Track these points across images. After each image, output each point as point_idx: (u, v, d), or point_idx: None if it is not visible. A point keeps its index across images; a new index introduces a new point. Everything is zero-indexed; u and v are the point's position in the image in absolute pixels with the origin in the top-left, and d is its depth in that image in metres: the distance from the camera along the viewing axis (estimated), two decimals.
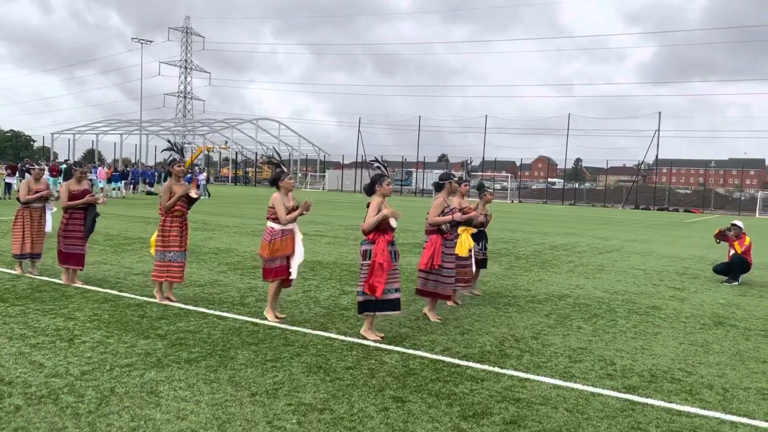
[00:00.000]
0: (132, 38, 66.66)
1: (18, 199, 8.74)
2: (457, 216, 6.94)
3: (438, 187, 7.13)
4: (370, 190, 6.25)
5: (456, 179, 7.30)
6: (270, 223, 6.81)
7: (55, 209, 8.98)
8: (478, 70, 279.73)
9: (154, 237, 7.46)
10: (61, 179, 26.84)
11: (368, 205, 6.15)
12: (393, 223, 6.10)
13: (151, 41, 56.30)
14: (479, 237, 8.45)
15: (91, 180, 28.46)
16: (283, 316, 6.86)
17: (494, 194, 8.74)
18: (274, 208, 6.74)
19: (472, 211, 7.71)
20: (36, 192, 8.64)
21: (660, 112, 53.61)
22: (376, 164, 6.36)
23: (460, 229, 7.34)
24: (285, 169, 6.85)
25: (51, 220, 8.88)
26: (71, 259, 8.16)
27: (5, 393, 4.32)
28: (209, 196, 34.09)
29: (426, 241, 6.97)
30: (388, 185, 6.21)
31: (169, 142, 7.91)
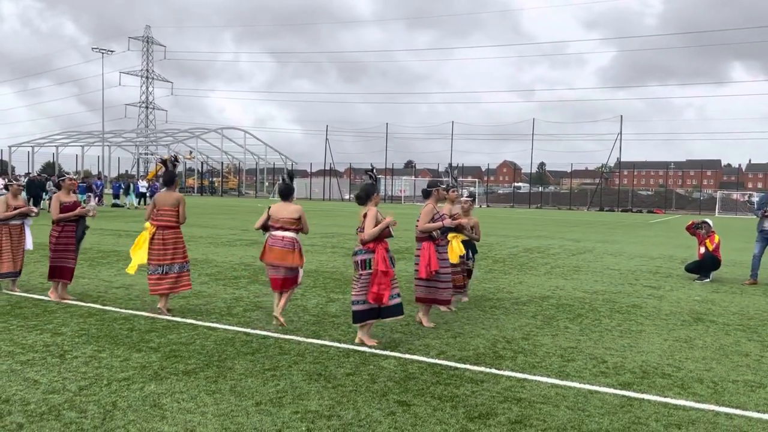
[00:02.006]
0: (92, 48, 65.45)
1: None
2: (447, 222, 7.02)
3: (426, 194, 7.18)
4: (365, 199, 6.31)
5: (443, 186, 7.38)
6: (294, 234, 6.81)
7: (31, 223, 8.73)
8: (442, 76, 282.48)
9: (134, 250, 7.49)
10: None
11: (364, 215, 6.21)
12: (392, 231, 6.23)
13: (112, 51, 55.49)
14: (466, 246, 8.36)
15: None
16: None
17: (468, 202, 8.56)
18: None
19: (461, 218, 7.80)
20: (15, 208, 8.36)
21: (621, 116, 54.96)
22: (370, 174, 6.46)
23: (450, 236, 7.42)
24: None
25: (31, 237, 8.64)
26: (63, 272, 7.99)
27: (4, 411, 4.22)
28: None
29: (418, 249, 7.00)
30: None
31: (162, 160, 7.97)
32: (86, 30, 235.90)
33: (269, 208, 6.98)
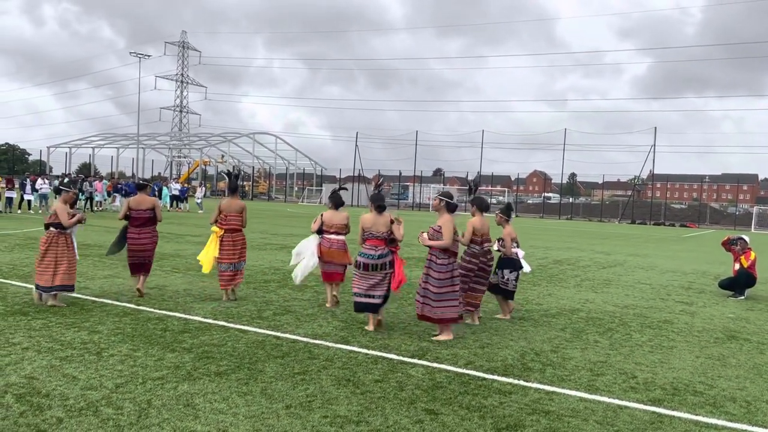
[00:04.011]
0: (130, 52, 66.93)
1: (55, 224, 7.84)
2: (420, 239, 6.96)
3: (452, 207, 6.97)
4: (384, 207, 7.23)
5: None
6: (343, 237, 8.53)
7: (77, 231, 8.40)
8: (472, 83, 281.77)
9: (202, 254, 8.57)
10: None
11: (391, 221, 7.18)
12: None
13: (149, 56, 56.57)
14: (503, 265, 8.13)
15: (90, 193, 28.54)
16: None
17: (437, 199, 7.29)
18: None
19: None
20: (74, 216, 7.98)
21: (656, 128, 54.12)
22: (378, 186, 7.95)
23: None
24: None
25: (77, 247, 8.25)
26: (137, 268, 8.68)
27: (45, 405, 4.37)
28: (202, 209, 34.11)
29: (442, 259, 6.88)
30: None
31: (227, 172, 9.16)
32: (122, 33, 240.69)
33: (322, 215, 8.56)
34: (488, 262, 7.68)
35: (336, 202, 8.59)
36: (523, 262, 8.37)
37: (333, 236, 8.42)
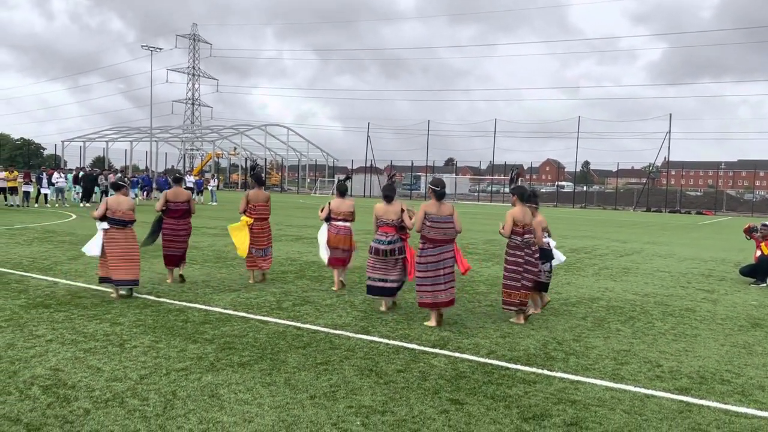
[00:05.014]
0: (141, 46, 67.18)
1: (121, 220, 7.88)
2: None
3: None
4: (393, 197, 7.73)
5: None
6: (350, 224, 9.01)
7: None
8: (483, 72, 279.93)
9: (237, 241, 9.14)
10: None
11: (402, 210, 7.70)
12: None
13: (161, 49, 56.63)
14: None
15: (106, 186, 28.71)
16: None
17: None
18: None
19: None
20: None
21: (671, 114, 53.47)
22: (391, 177, 8.32)
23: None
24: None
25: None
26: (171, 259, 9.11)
27: (71, 396, 4.39)
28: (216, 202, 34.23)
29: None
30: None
31: (252, 165, 9.51)
32: (132, 26, 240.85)
33: (329, 203, 8.97)
34: (533, 254, 7.21)
35: (341, 191, 9.14)
36: (556, 252, 8.07)
37: (340, 223, 8.88)
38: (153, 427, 3.92)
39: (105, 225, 7.85)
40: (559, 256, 8.15)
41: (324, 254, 8.96)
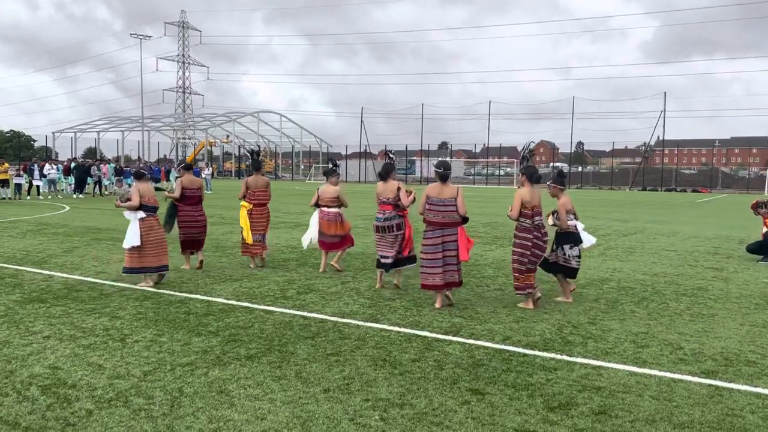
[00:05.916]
0: (130, 34, 66.32)
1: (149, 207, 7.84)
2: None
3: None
4: (386, 176, 7.90)
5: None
6: (337, 209, 8.97)
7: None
8: (475, 54, 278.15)
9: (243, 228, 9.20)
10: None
11: (403, 188, 7.82)
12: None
13: (150, 37, 55.91)
14: (561, 240, 7.40)
15: (99, 177, 28.33)
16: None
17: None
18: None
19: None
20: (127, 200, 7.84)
21: (665, 93, 53.22)
22: (389, 155, 8.44)
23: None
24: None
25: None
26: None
27: (72, 397, 4.16)
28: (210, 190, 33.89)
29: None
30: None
31: (250, 150, 9.95)
32: (119, 14, 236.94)
33: (318, 189, 9.04)
34: (542, 237, 6.95)
35: (328, 177, 9.22)
36: (584, 235, 7.58)
37: (326, 208, 8.96)
38: (160, 428, 3.70)
39: (141, 214, 7.78)
40: (588, 239, 7.65)
41: (306, 238, 9.20)
